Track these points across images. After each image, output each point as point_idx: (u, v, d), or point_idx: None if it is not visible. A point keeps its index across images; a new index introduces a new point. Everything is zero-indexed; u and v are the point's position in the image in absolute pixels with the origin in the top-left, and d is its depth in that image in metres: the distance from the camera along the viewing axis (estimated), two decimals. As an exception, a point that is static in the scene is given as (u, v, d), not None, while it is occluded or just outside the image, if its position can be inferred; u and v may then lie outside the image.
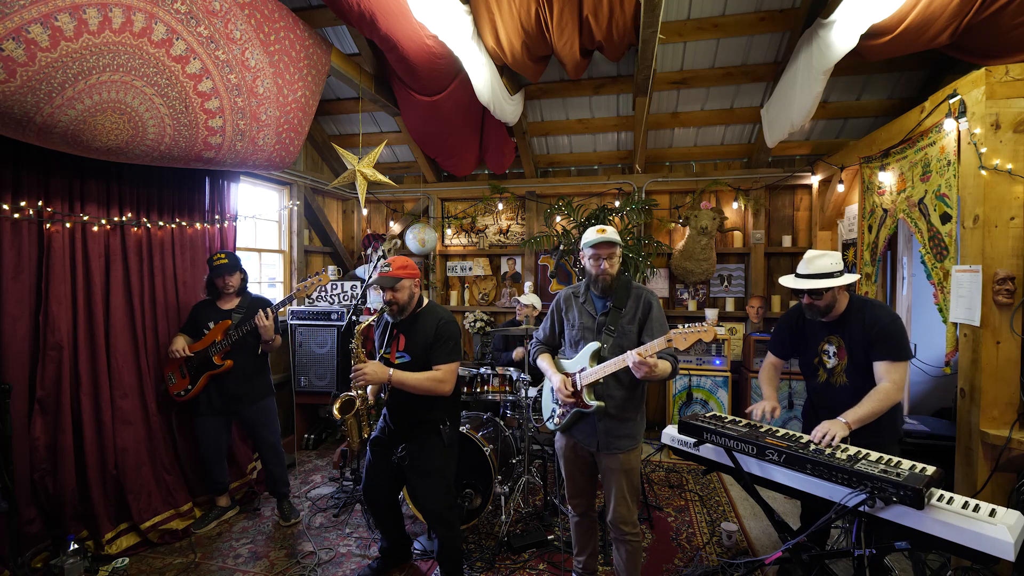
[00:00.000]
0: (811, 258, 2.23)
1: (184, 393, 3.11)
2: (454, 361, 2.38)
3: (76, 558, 2.54)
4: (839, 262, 2.19)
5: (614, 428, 2.14)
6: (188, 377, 3.11)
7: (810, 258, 2.23)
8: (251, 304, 3.19)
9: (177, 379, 3.13)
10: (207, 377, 3.10)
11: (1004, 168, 2.35)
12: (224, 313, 3.16)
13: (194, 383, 3.10)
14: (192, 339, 3.16)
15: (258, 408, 3.21)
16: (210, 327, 3.12)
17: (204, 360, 3.10)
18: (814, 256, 2.23)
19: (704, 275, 4.90)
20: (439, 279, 5.71)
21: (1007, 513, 1.54)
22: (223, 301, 3.20)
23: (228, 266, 3.13)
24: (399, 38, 3.07)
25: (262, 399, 3.24)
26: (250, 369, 3.19)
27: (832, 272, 2.16)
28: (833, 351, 2.26)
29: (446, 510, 2.42)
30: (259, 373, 3.25)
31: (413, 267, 2.42)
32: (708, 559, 2.80)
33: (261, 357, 3.26)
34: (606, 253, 2.13)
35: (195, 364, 3.10)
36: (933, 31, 2.63)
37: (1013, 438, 2.26)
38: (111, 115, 2.36)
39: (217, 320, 3.13)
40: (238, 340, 3.10)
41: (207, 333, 3.11)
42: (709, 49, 4.00)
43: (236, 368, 3.12)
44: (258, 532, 3.14)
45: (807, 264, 2.23)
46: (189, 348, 3.09)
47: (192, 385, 3.10)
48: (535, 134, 5.07)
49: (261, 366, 3.27)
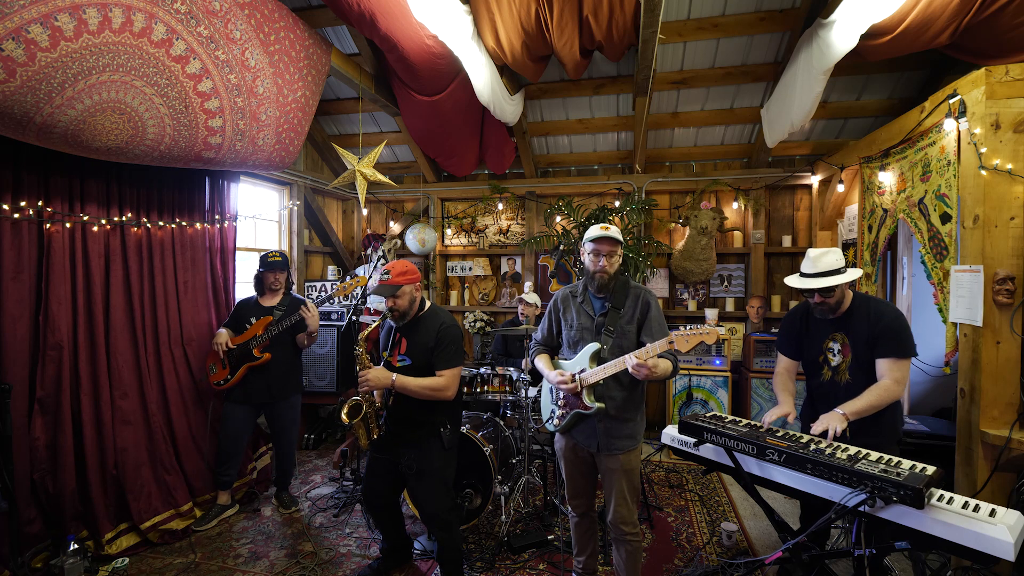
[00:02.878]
0: (816, 256, 2.21)
1: (224, 383, 3.24)
2: (456, 366, 2.39)
3: (76, 558, 2.54)
4: (842, 258, 2.19)
5: (614, 429, 2.14)
6: (228, 368, 3.24)
7: (815, 256, 2.21)
8: (292, 302, 3.35)
9: (218, 369, 3.27)
10: (246, 368, 3.22)
11: (1004, 168, 2.35)
12: (267, 309, 3.31)
13: (233, 373, 3.23)
14: (235, 334, 3.29)
15: (287, 404, 3.37)
16: (252, 322, 3.26)
17: (244, 352, 3.22)
18: (819, 254, 2.21)
19: (704, 275, 4.89)
20: (439, 279, 5.71)
21: (1007, 513, 1.54)
22: (266, 298, 3.37)
23: (281, 264, 3.33)
24: (399, 38, 3.07)
25: (291, 395, 3.39)
26: (286, 365, 3.33)
27: (839, 269, 2.15)
28: (838, 348, 2.26)
29: (445, 512, 2.42)
30: (293, 370, 3.40)
31: (413, 272, 2.42)
32: (708, 559, 2.80)
33: (296, 355, 3.42)
34: (607, 250, 2.12)
35: (235, 356, 3.23)
36: (933, 31, 2.63)
37: (1013, 438, 2.26)
38: (111, 115, 2.36)
39: (259, 316, 3.28)
40: (277, 335, 3.23)
41: (249, 327, 3.25)
42: (709, 49, 4.00)
43: (273, 362, 3.24)
44: (258, 532, 3.14)
45: (813, 263, 2.20)
46: (232, 341, 3.22)
47: (231, 375, 3.23)
48: (535, 134, 5.07)
49: (295, 363, 3.43)
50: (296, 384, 3.43)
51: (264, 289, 3.36)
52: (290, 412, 3.38)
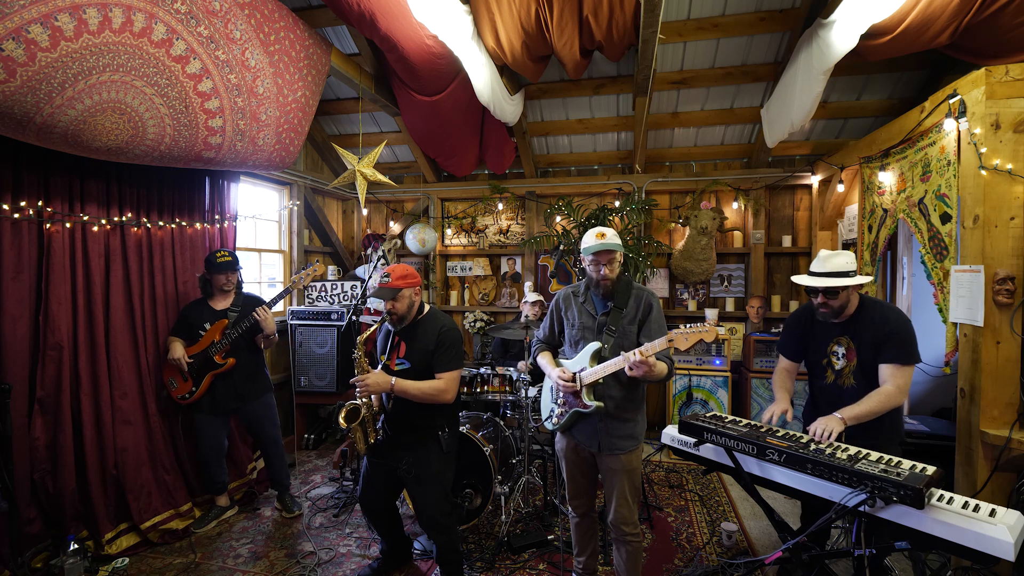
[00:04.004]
0: (826, 256, 2.20)
1: (189, 396, 3.12)
2: (456, 369, 2.39)
3: (76, 558, 2.54)
4: (853, 261, 2.17)
5: (615, 429, 2.14)
6: (191, 380, 3.12)
7: (825, 256, 2.20)
8: (246, 302, 3.22)
9: (179, 383, 3.13)
10: (211, 377, 3.12)
11: (1004, 168, 2.35)
12: (219, 313, 3.17)
13: (198, 385, 3.11)
14: (188, 341, 3.15)
15: (260, 404, 3.28)
16: (207, 328, 3.13)
17: (205, 361, 3.11)
18: (829, 255, 2.20)
19: (704, 275, 4.89)
20: (439, 279, 5.71)
21: (1007, 513, 1.54)
22: (216, 300, 3.21)
23: (232, 264, 3.16)
24: (399, 38, 3.07)
25: (263, 395, 3.31)
26: (251, 366, 3.25)
27: (848, 271, 2.14)
28: (842, 352, 2.25)
29: (443, 516, 2.41)
30: (260, 369, 3.33)
31: (413, 275, 2.42)
32: (708, 559, 2.80)
33: (259, 354, 3.32)
34: (605, 259, 2.12)
35: (196, 366, 3.10)
36: (933, 31, 2.63)
37: (1013, 438, 2.26)
38: (111, 115, 2.36)
39: (213, 320, 3.14)
40: (237, 338, 3.12)
41: (204, 334, 3.12)
42: (709, 49, 4.00)
43: (238, 366, 3.16)
44: (258, 532, 3.14)
45: (822, 263, 2.19)
46: (188, 351, 3.09)
47: (196, 387, 3.11)
48: (535, 134, 5.07)
49: (260, 363, 3.34)
50: (265, 383, 3.33)
51: (213, 291, 3.18)
52: (266, 412, 3.29)
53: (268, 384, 3.37)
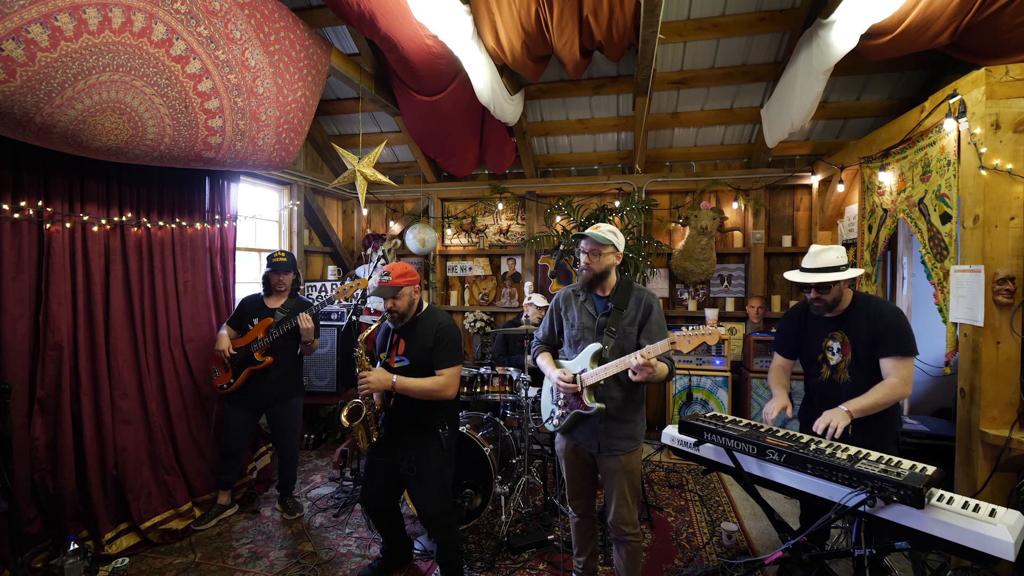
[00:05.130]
0: (816, 252, 2.21)
1: (227, 386, 3.23)
2: (456, 365, 2.40)
3: (76, 558, 2.54)
4: (844, 255, 2.18)
5: (615, 430, 2.14)
6: (231, 371, 3.22)
7: (815, 252, 2.22)
8: (296, 306, 3.29)
9: (221, 372, 3.25)
10: (248, 372, 3.20)
11: (1004, 168, 2.35)
12: (269, 311, 3.27)
13: (236, 376, 3.21)
14: (237, 332, 3.27)
15: (288, 406, 3.33)
16: (254, 323, 3.23)
17: (246, 355, 3.20)
18: (819, 250, 2.21)
19: (704, 275, 4.89)
20: (439, 279, 5.71)
21: (1007, 513, 1.54)
22: (271, 299, 3.32)
23: (286, 264, 3.26)
24: (399, 38, 3.07)
25: (292, 398, 3.35)
26: (287, 368, 3.29)
27: (838, 266, 2.15)
28: (837, 347, 2.26)
29: (443, 515, 2.41)
30: (293, 373, 3.37)
31: (412, 273, 2.43)
32: (708, 559, 2.80)
33: (298, 358, 3.37)
34: (588, 248, 2.14)
35: (238, 359, 3.21)
36: (933, 31, 2.63)
37: (1013, 438, 2.26)
38: (111, 115, 2.36)
39: (262, 316, 3.24)
40: (278, 339, 3.19)
41: (251, 328, 3.23)
42: (709, 49, 4.00)
43: (275, 365, 3.22)
44: (258, 532, 3.14)
45: (813, 258, 2.21)
46: (233, 343, 3.20)
47: (234, 379, 3.21)
48: (535, 134, 5.07)
49: (297, 367, 3.39)
50: (296, 387, 3.40)
51: (270, 290, 3.32)
52: (291, 415, 3.35)
53: (299, 388, 3.42)
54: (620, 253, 2.19)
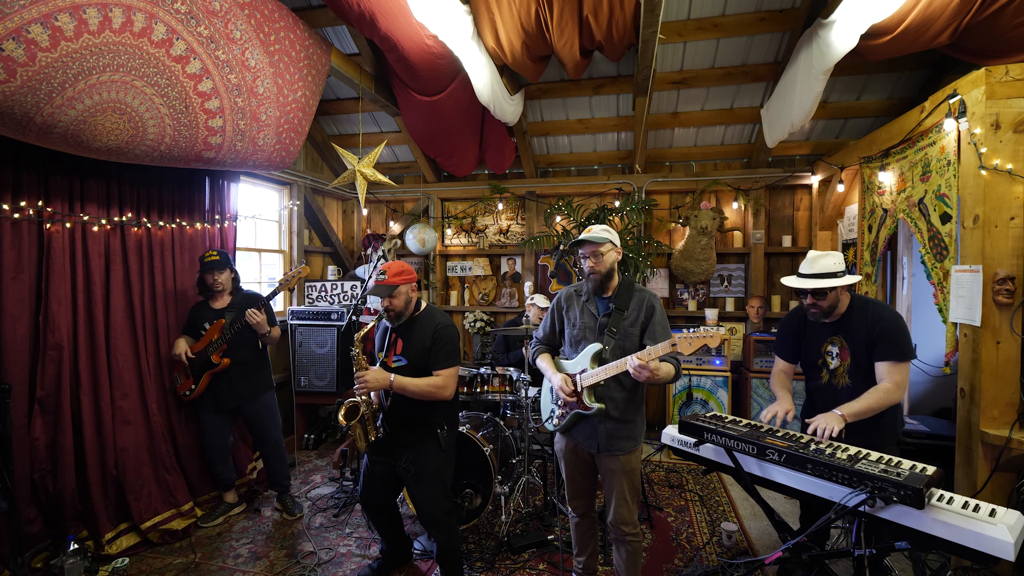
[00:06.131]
0: (814, 258, 2.22)
1: (189, 393, 3.19)
2: (454, 365, 2.39)
3: (76, 558, 2.54)
4: (841, 262, 2.18)
5: (615, 430, 2.14)
6: (191, 377, 3.18)
7: (813, 258, 2.22)
8: (242, 301, 3.23)
9: (183, 379, 3.22)
10: (208, 376, 3.16)
11: (1004, 168, 2.35)
12: (218, 312, 3.21)
13: (197, 382, 3.17)
14: (194, 340, 3.22)
15: (259, 404, 3.28)
16: (207, 327, 3.17)
17: (204, 360, 3.15)
18: (817, 256, 2.22)
19: (704, 275, 4.89)
20: (439, 279, 5.71)
21: (1007, 513, 1.54)
22: (215, 300, 3.25)
23: (219, 263, 3.16)
24: (399, 38, 3.07)
25: (262, 394, 3.30)
26: (250, 366, 3.25)
27: (835, 272, 2.15)
28: (836, 352, 2.25)
29: (443, 515, 2.41)
30: (259, 369, 3.31)
31: (409, 272, 2.42)
32: (708, 559, 2.80)
33: (260, 353, 3.32)
34: (588, 251, 2.14)
35: (197, 364, 3.16)
36: (933, 31, 2.63)
37: (1013, 438, 2.26)
38: (111, 115, 2.36)
39: (212, 320, 3.18)
40: (233, 337, 3.15)
41: (204, 333, 3.17)
42: (709, 49, 4.00)
43: (234, 365, 3.17)
44: (258, 532, 3.14)
45: (810, 264, 2.21)
46: (191, 349, 3.14)
47: (196, 385, 3.17)
48: (535, 134, 5.07)
49: (260, 362, 3.33)
50: (265, 381, 3.33)
51: (209, 291, 3.21)
52: (265, 412, 3.29)
53: (268, 384, 3.35)
54: (619, 248, 2.20)
